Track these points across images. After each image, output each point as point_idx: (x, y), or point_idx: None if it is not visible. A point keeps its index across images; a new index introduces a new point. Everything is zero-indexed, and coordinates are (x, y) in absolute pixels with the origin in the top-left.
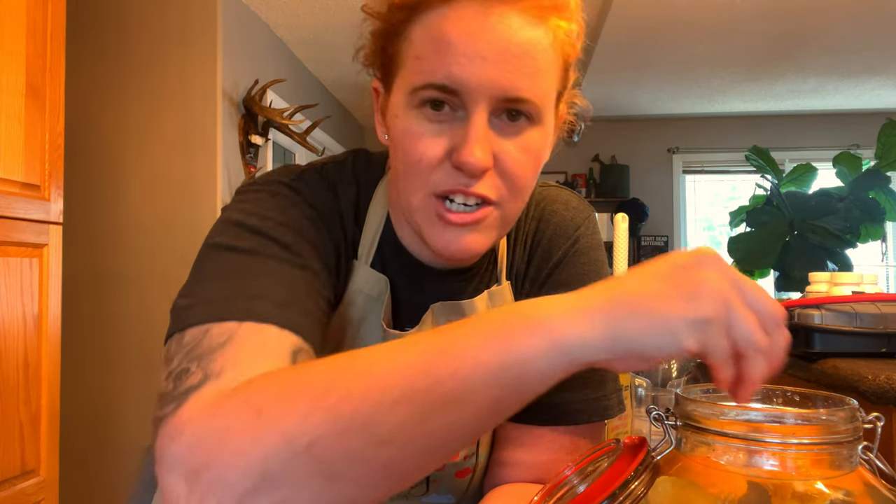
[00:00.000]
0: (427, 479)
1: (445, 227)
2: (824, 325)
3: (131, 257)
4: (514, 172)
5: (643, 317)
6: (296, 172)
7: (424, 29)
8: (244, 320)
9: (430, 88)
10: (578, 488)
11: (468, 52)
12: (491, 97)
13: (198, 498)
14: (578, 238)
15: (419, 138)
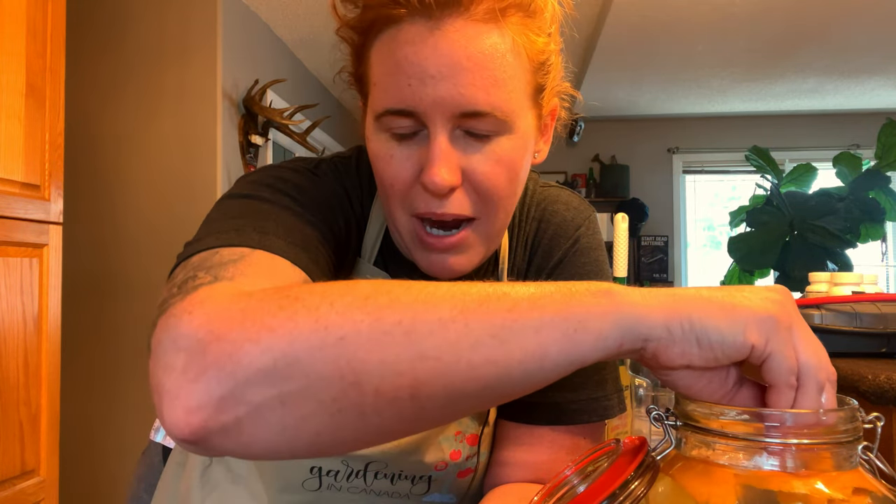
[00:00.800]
0: (429, 479)
1: (428, 250)
2: (824, 325)
3: (131, 257)
4: (485, 186)
5: (709, 303)
6: (314, 161)
7: (378, 53)
8: (257, 248)
9: (388, 114)
10: (578, 488)
11: (417, 73)
12: (447, 114)
13: (196, 371)
14: (579, 238)
15: (388, 161)
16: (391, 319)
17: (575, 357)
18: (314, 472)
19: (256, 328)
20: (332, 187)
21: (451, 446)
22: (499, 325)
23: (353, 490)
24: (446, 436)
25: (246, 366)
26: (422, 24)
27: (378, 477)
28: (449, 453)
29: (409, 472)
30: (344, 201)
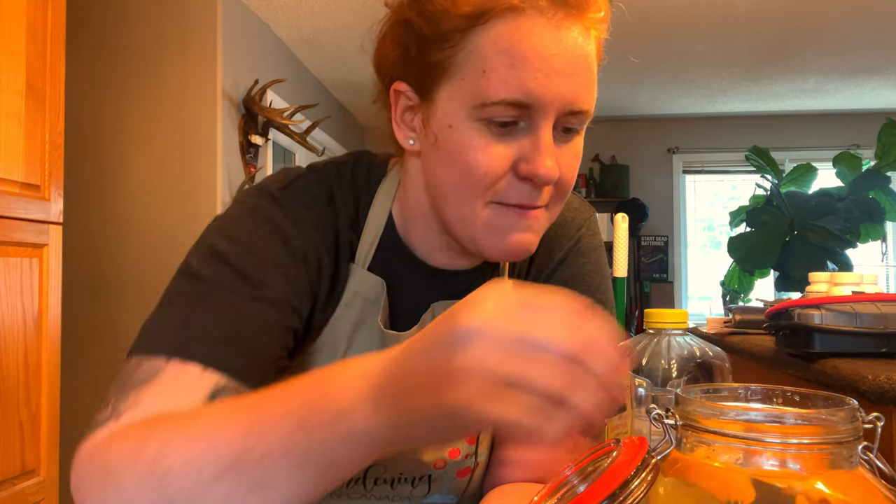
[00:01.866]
0: (429, 479)
1: (511, 227)
2: (824, 325)
3: (131, 257)
4: (567, 179)
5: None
6: (289, 180)
7: (491, 40)
8: (172, 356)
9: (503, 105)
10: (578, 488)
11: (544, 67)
12: (560, 111)
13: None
14: (580, 238)
15: (483, 150)
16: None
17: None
18: None
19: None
20: (299, 216)
21: (450, 444)
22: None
23: (353, 496)
24: None
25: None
26: (544, 20)
27: (378, 483)
28: (447, 452)
29: (408, 473)
30: (322, 222)
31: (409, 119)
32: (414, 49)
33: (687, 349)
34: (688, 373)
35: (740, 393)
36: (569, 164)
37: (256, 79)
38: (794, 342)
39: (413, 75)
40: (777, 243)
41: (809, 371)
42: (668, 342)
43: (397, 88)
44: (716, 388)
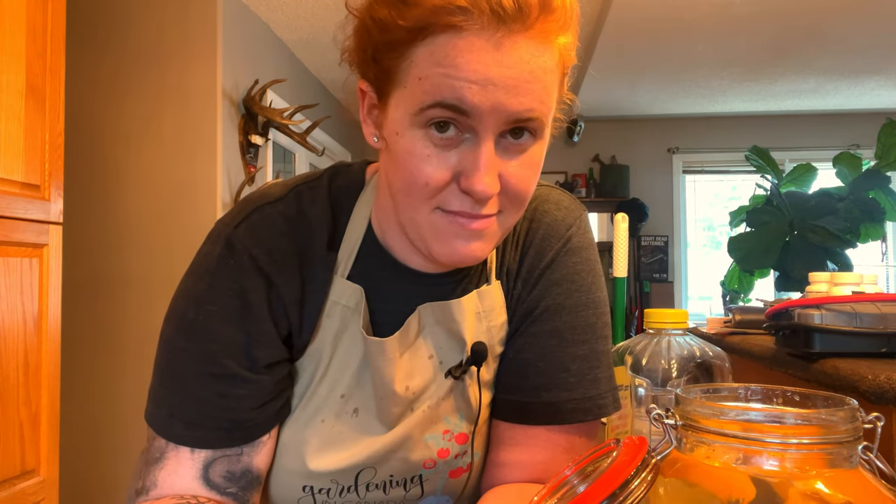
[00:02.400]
0: (421, 480)
1: (456, 235)
2: (824, 325)
3: (131, 257)
4: (518, 188)
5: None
6: (242, 215)
7: (430, 54)
8: (169, 441)
9: (438, 107)
10: (578, 488)
11: (479, 79)
12: (501, 121)
13: None
14: (570, 238)
15: (424, 161)
16: None
17: None
18: (307, 490)
19: None
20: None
21: (438, 444)
22: None
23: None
24: (433, 434)
25: None
26: (487, 35)
27: (370, 489)
28: (436, 451)
29: (398, 475)
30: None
31: (374, 116)
32: (370, 52)
33: (687, 349)
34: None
35: (740, 393)
36: (521, 175)
37: (256, 79)
38: (794, 342)
39: (371, 77)
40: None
41: (809, 371)
42: (668, 342)
43: (361, 87)
44: (716, 388)
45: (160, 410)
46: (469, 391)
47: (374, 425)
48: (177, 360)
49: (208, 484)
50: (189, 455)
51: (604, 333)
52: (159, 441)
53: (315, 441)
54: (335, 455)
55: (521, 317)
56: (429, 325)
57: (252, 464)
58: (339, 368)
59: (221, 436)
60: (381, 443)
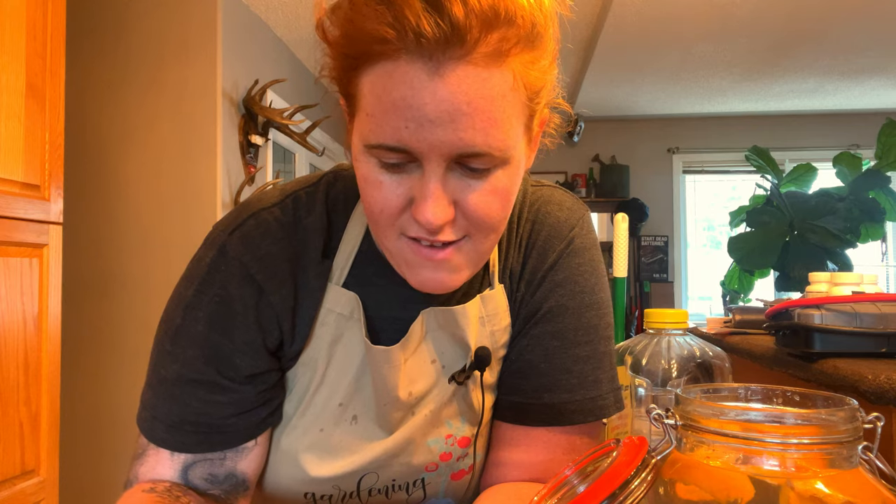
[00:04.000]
0: (423, 483)
1: (421, 266)
2: (824, 325)
3: (131, 257)
4: (480, 214)
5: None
6: (238, 221)
7: (371, 84)
8: (151, 441)
9: (383, 149)
10: (578, 488)
11: (415, 116)
12: (444, 156)
13: None
14: (573, 238)
15: (377, 188)
16: None
17: None
18: (308, 497)
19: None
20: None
21: (441, 448)
22: None
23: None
24: (435, 438)
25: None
26: (420, 64)
27: (373, 494)
28: (438, 455)
29: (401, 479)
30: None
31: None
32: (335, 75)
33: (687, 349)
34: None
35: (740, 393)
36: (482, 202)
37: (256, 79)
38: (794, 342)
39: (343, 99)
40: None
41: (809, 371)
42: (668, 342)
43: (341, 102)
44: (716, 388)
45: (145, 412)
46: (472, 395)
47: (374, 431)
48: (162, 363)
49: (187, 485)
50: (168, 456)
51: (606, 334)
52: (142, 440)
53: (315, 450)
54: (336, 462)
55: (525, 319)
56: (432, 329)
57: (237, 468)
58: (336, 377)
59: (200, 440)
60: (383, 448)
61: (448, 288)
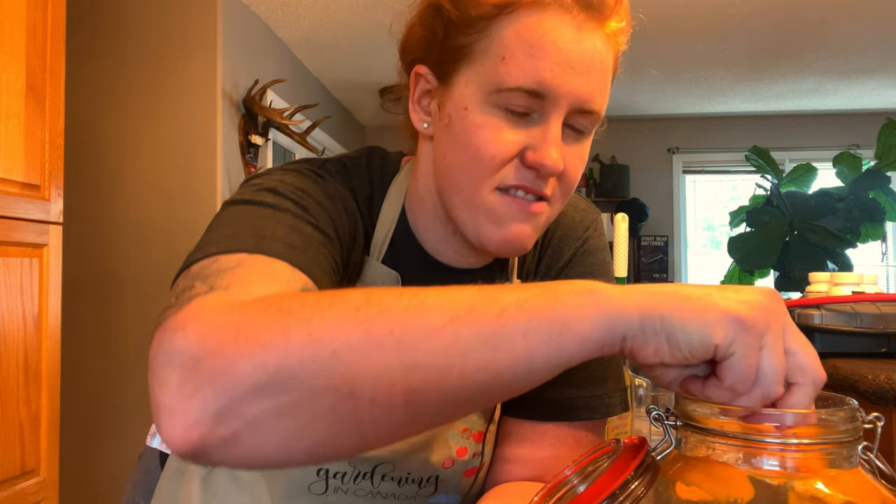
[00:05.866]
0: (436, 480)
1: (511, 218)
2: (824, 325)
3: (131, 257)
4: (571, 177)
5: (684, 301)
6: (318, 162)
7: (514, 30)
8: (255, 253)
9: (518, 92)
10: (578, 488)
11: (561, 61)
12: (571, 106)
13: (192, 387)
14: (587, 239)
15: (495, 134)
16: (382, 330)
17: (561, 359)
18: (321, 474)
19: (249, 343)
20: (336, 188)
21: (458, 443)
22: (488, 332)
23: (360, 493)
24: (453, 433)
25: (241, 381)
26: (569, 19)
27: (385, 479)
28: (456, 450)
29: (416, 473)
30: (349, 202)
31: (425, 103)
32: (440, 32)
33: None
34: None
35: None
36: (573, 164)
37: (256, 79)
38: None
39: (435, 58)
40: (777, 243)
41: None
42: None
43: (418, 71)
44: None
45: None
46: None
47: None
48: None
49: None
50: (289, 270)
51: None
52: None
53: None
54: None
55: None
56: None
57: None
58: None
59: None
60: (406, 440)
61: (525, 246)
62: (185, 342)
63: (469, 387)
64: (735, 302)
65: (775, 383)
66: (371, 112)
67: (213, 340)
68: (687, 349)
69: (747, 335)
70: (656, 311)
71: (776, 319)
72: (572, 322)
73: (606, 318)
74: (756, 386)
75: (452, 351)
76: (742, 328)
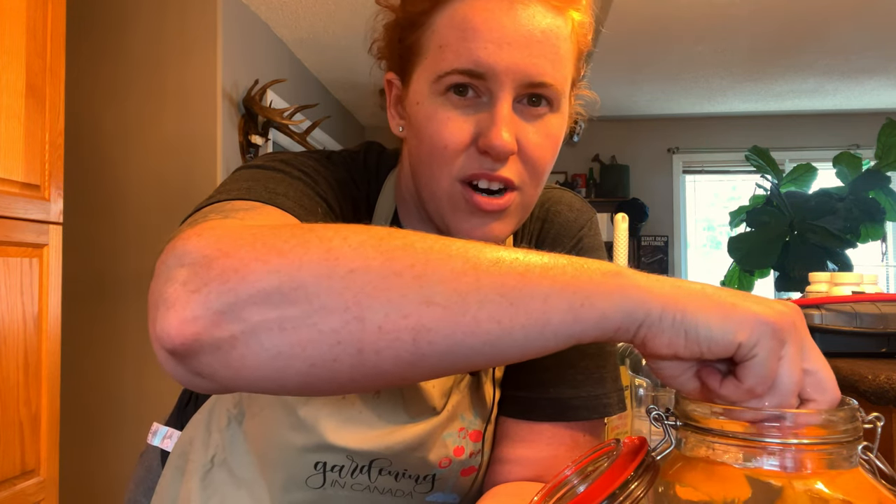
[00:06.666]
0: (433, 478)
1: (472, 213)
2: (824, 325)
3: (131, 257)
4: (535, 156)
5: (709, 299)
6: (325, 153)
7: (448, 18)
8: (268, 204)
9: (456, 73)
10: (578, 488)
11: (495, 38)
12: (516, 81)
13: (199, 282)
14: (581, 238)
15: (444, 123)
16: (403, 262)
17: (575, 331)
18: (318, 467)
19: (266, 249)
20: (343, 176)
21: (455, 442)
22: (509, 287)
23: (357, 487)
24: (450, 432)
25: (250, 283)
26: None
27: (382, 473)
28: (453, 449)
29: (412, 471)
30: (354, 191)
31: (399, 108)
32: (396, 36)
33: None
34: None
35: None
36: (537, 142)
37: (256, 79)
38: None
39: (397, 63)
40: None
41: None
42: None
43: (388, 78)
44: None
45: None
46: (484, 388)
47: (396, 412)
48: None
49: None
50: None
51: None
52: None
53: (334, 417)
54: (354, 433)
55: None
56: None
57: None
58: None
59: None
60: (402, 437)
61: (495, 239)
62: (199, 244)
63: (478, 336)
64: (762, 306)
65: (791, 394)
66: (371, 112)
67: (230, 243)
68: (706, 344)
69: (772, 339)
70: (679, 304)
71: (798, 333)
72: (595, 297)
73: (629, 301)
74: (772, 394)
75: (470, 297)
76: (768, 331)
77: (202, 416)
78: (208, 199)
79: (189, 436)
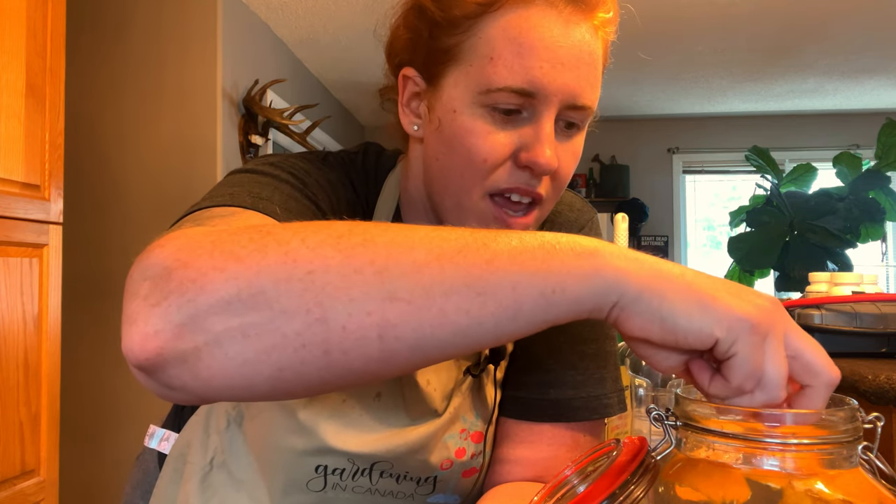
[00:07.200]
0: (434, 480)
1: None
2: (824, 325)
3: (131, 257)
4: (564, 174)
5: (689, 287)
6: (322, 154)
7: (501, 29)
8: (250, 209)
9: (508, 92)
10: (578, 488)
11: (550, 57)
12: (563, 103)
13: (158, 296)
14: None
15: (484, 137)
16: (363, 258)
17: (549, 316)
18: (319, 470)
19: (224, 257)
20: (339, 178)
21: (456, 444)
22: (475, 276)
23: (358, 490)
24: (451, 434)
25: (209, 292)
26: (555, 14)
27: (384, 476)
28: (454, 451)
29: (414, 473)
30: (351, 193)
31: (414, 105)
32: (425, 34)
33: None
34: None
35: None
36: (566, 161)
37: (256, 79)
38: None
39: (421, 60)
40: (777, 243)
41: None
42: None
43: (406, 74)
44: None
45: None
46: (485, 389)
47: (397, 414)
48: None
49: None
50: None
51: (611, 334)
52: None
53: (335, 420)
54: (355, 436)
55: None
56: None
57: None
58: None
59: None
60: (403, 440)
61: None
62: (161, 255)
63: (447, 328)
64: (741, 301)
65: (778, 387)
66: (371, 112)
67: (188, 253)
68: (683, 335)
69: (751, 335)
70: (657, 290)
71: (779, 324)
72: (568, 282)
73: (604, 283)
74: (759, 391)
75: (435, 289)
76: (746, 328)
77: (200, 418)
78: (192, 207)
79: (187, 438)
